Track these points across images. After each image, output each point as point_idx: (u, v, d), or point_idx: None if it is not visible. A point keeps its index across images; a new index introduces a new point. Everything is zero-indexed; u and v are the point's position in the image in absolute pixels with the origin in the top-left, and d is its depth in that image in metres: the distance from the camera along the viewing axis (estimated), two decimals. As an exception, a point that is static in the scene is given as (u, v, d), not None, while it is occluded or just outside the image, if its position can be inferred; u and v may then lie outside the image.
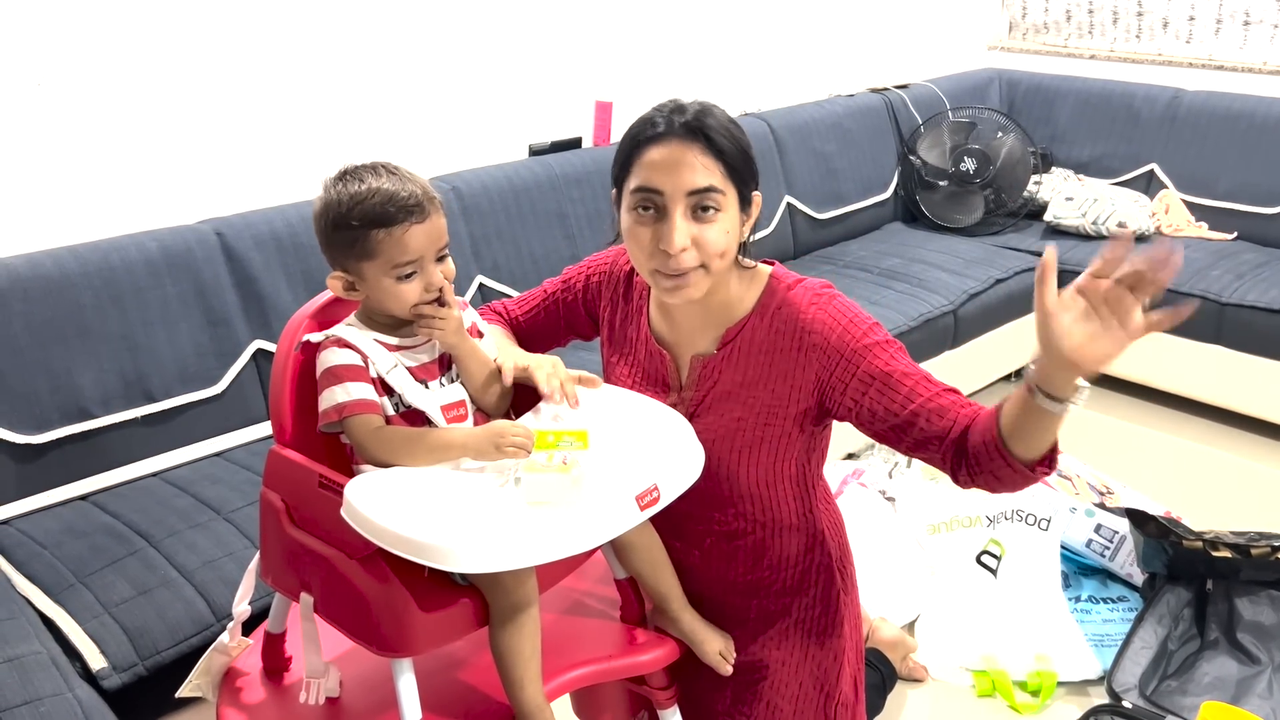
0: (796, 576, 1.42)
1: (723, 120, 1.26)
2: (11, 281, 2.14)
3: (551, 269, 2.90)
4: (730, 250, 1.28)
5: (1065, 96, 4.10)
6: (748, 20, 3.62)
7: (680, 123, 1.24)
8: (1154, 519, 2.37)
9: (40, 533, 2.05)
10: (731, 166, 1.25)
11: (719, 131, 1.24)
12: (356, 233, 1.21)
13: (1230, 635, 2.28)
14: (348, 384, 1.20)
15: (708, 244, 1.25)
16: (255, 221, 2.47)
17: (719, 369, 1.35)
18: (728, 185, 1.25)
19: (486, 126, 3.05)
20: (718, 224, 1.25)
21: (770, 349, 1.32)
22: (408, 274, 1.22)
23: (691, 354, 1.38)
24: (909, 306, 3.14)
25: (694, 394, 1.37)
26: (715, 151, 1.24)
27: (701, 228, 1.24)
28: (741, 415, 1.33)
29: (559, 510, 1.12)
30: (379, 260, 1.21)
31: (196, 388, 2.35)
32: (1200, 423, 3.40)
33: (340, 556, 1.18)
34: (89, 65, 2.32)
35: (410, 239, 1.21)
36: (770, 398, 1.32)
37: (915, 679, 2.35)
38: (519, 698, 1.22)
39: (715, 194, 1.24)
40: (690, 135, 1.23)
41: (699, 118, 1.24)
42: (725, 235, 1.26)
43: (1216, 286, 3.27)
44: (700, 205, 1.24)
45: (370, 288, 1.24)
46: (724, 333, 1.35)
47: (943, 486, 2.89)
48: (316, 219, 1.26)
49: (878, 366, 1.26)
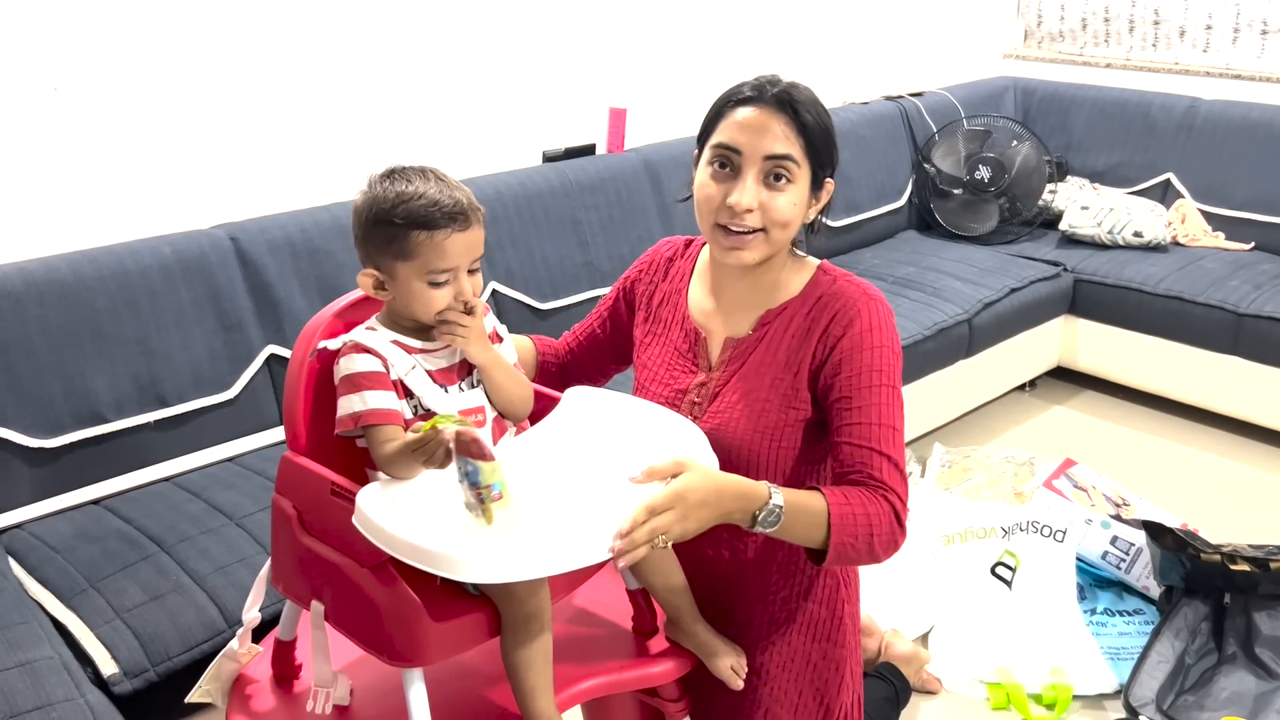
0: (805, 584, 1.41)
1: (810, 98, 1.32)
2: (27, 285, 2.15)
3: (564, 275, 2.90)
4: (794, 223, 1.33)
5: (1081, 105, 4.08)
6: (762, 27, 3.62)
7: (772, 92, 1.30)
8: (1171, 531, 2.35)
9: (53, 537, 2.05)
10: (811, 144, 1.30)
11: (806, 107, 1.30)
12: (397, 230, 1.20)
13: (1248, 650, 2.26)
14: (365, 393, 1.19)
15: (774, 209, 1.30)
16: (269, 226, 2.48)
17: (750, 349, 1.37)
18: (804, 160, 1.30)
19: (500, 132, 3.05)
20: (787, 194, 1.30)
21: (804, 335, 1.34)
22: (441, 280, 1.22)
23: (726, 335, 1.39)
24: (923, 315, 3.12)
25: (722, 374, 1.38)
26: (799, 125, 1.30)
27: (771, 194, 1.30)
28: (767, 397, 1.34)
29: (570, 522, 1.12)
30: (415, 262, 1.21)
31: (210, 392, 2.36)
32: (1217, 434, 3.37)
33: (352, 565, 1.18)
34: (105, 70, 2.33)
35: (450, 246, 1.21)
36: (795, 380, 1.33)
37: (929, 691, 2.34)
38: (531, 708, 1.21)
39: (790, 164, 1.29)
40: (778, 105, 1.30)
41: (789, 91, 1.31)
42: (792, 206, 1.31)
43: (1234, 297, 3.24)
44: (774, 172, 1.30)
45: (400, 289, 1.23)
46: (763, 314, 1.37)
47: (957, 497, 2.87)
48: (357, 213, 1.25)
49: (857, 386, 1.28)
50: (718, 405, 1.35)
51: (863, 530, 1.24)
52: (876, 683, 2.18)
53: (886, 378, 1.29)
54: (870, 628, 2.34)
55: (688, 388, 1.39)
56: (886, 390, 1.29)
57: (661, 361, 1.43)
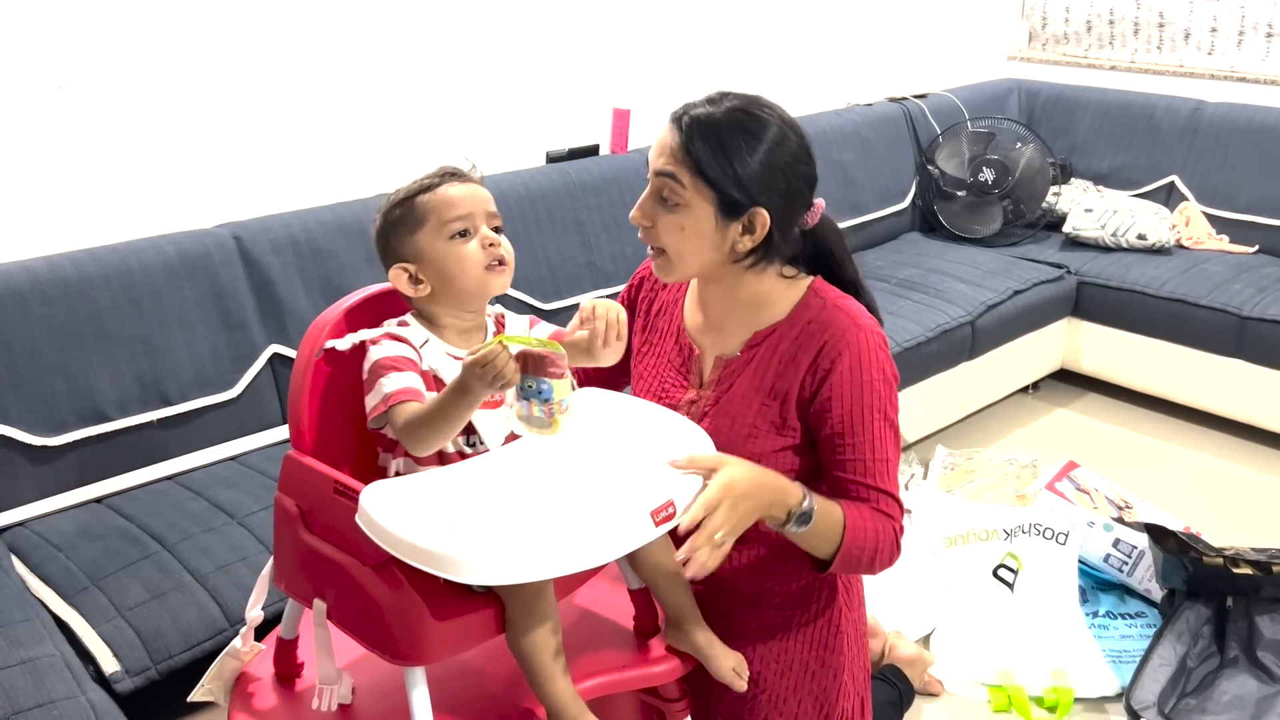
0: (800, 591, 1.41)
1: (716, 121, 1.25)
2: (31, 284, 2.15)
3: (568, 276, 2.90)
4: (688, 251, 1.28)
5: (1085, 107, 4.07)
6: (766, 28, 3.62)
7: (681, 110, 1.27)
8: (1173, 534, 2.35)
9: (55, 535, 2.05)
10: (701, 169, 1.24)
11: (703, 129, 1.24)
12: (405, 206, 1.25)
13: (1250, 653, 2.26)
14: (393, 374, 1.19)
15: (656, 232, 1.28)
16: (273, 226, 2.48)
17: (738, 371, 1.35)
18: (694, 183, 1.25)
19: (504, 133, 3.06)
20: (675, 215, 1.27)
21: (792, 360, 1.32)
22: (460, 230, 1.23)
23: (717, 353, 1.38)
24: (926, 317, 3.12)
25: (711, 393, 1.37)
26: (685, 146, 1.24)
27: (664, 215, 1.27)
28: (754, 422, 1.33)
29: (574, 523, 1.12)
30: (430, 224, 1.23)
31: (212, 391, 2.36)
32: (1220, 437, 3.36)
33: (354, 563, 1.18)
34: (110, 69, 2.33)
35: (454, 194, 1.23)
36: (783, 409, 1.32)
37: (930, 693, 2.33)
38: (549, 693, 1.21)
39: (674, 184, 1.25)
40: (674, 121, 1.27)
41: (689, 110, 1.26)
42: (679, 230, 1.27)
43: (1238, 300, 3.24)
44: (662, 191, 1.27)
45: (430, 265, 1.24)
46: (752, 336, 1.35)
47: (960, 499, 2.87)
48: (377, 229, 1.29)
49: (850, 423, 1.28)
50: (706, 426, 1.33)
51: (870, 544, 1.28)
52: (880, 685, 2.18)
53: (878, 412, 1.28)
54: (875, 629, 2.34)
55: (679, 403, 1.39)
56: (879, 424, 1.28)
57: (655, 374, 1.43)
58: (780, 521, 1.24)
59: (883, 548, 1.30)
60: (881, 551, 1.30)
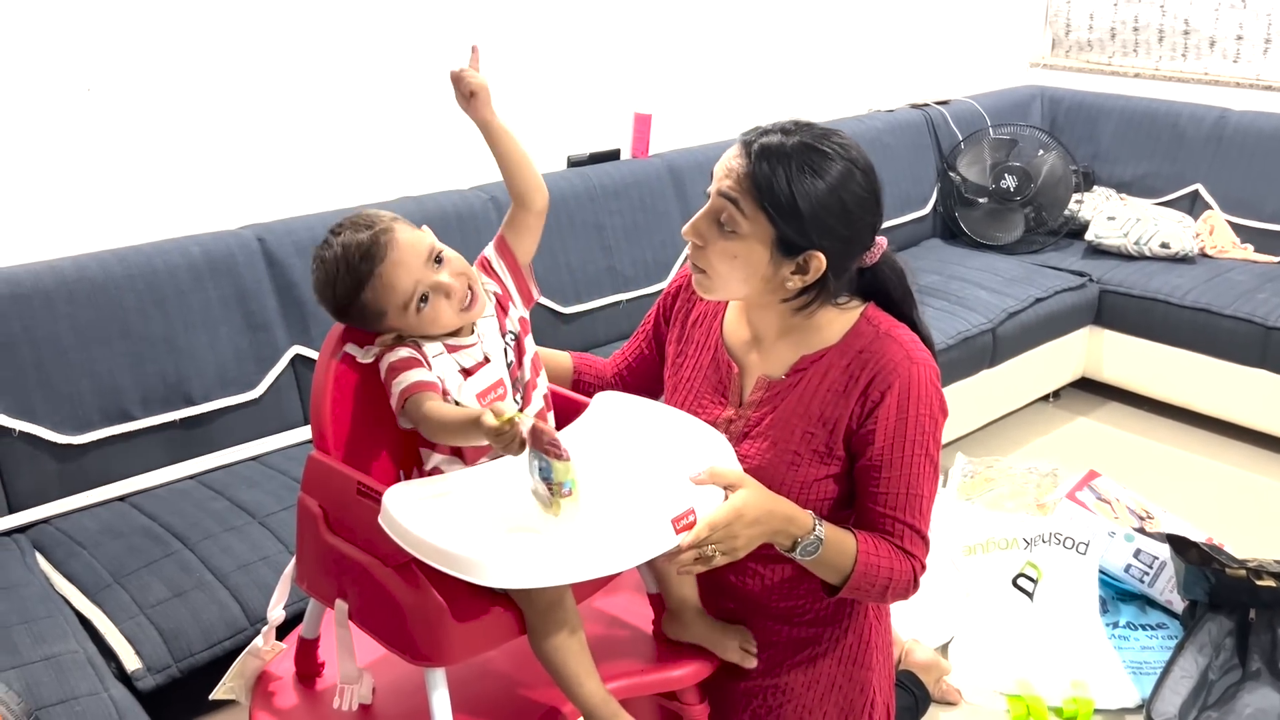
0: (831, 607, 1.40)
1: (789, 153, 1.22)
2: (58, 283, 2.17)
3: (588, 280, 2.90)
4: (733, 278, 1.27)
5: (1109, 115, 4.05)
6: (788, 34, 3.62)
7: (751, 135, 1.25)
8: (1196, 545, 2.33)
9: (79, 532, 2.07)
10: (765, 200, 1.21)
11: (773, 157, 1.22)
12: (357, 305, 1.25)
13: (1273, 666, 2.24)
14: (407, 372, 1.24)
15: (706, 254, 1.27)
16: (296, 228, 2.50)
17: (784, 394, 1.33)
18: (755, 213, 1.22)
19: (525, 137, 3.03)
20: (728, 243, 1.25)
21: (843, 391, 1.29)
22: (421, 297, 1.24)
23: (760, 373, 1.35)
24: (947, 324, 3.11)
25: (753, 413, 1.34)
26: (751, 173, 1.22)
27: (718, 238, 1.26)
28: (798, 450, 1.31)
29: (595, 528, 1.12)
30: (390, 313, 1.25)
31: (235, 392, 2.37)
32: (1244, 448, 3.33)
33: (376, 564, 1.18)
34: (137, 72, 2.35)
35: (389, 275, 1.23)
36: (830, 438, 1.30)
37: (948, 702, 2.32)
38: (580, 694, 1.21)
39: (734, 210, 1.23)
40: (744, 147, 1.25)
41: (760, 137, 1.24)
42: (730, 259, 1.25)
43: (1262, 310, 3.21)
44: (719, 215, 1.25)
45: (409, 329, 1.27)
46: (799, 359, 1.32)
47: (979, 508, 2.85)
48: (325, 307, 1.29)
49: (890, 456, 1.27)
50: (747, 448, 1.32)
51: (881, 581, 1.28)
52: (896, 692, 2.17)
53: (920, 446, 1.27)
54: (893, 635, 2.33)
55: (715, 420, 1.36)
56: (920, 459, 1.27)
57: (690, 387, 1.41)
58: (786, 548, 1.25)
59: (896, 584, 1.28)
60: (895, 586, 1.28)
